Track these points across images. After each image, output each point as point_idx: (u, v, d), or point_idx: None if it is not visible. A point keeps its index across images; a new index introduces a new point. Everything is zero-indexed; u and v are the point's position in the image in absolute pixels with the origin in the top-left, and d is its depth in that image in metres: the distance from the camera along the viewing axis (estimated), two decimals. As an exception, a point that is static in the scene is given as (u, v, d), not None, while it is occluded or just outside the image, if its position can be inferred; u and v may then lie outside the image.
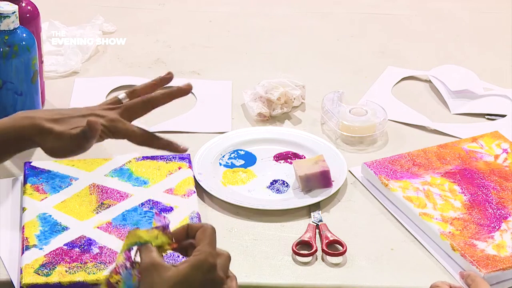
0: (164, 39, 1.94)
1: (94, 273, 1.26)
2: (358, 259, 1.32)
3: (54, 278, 1.25)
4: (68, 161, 1.47)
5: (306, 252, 1.32)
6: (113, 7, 2.05)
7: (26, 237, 1.32)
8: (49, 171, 1.45)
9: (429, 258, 1.33)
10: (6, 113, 1.50)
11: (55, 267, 1.27)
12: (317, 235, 1.36)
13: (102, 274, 1.25)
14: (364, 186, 1.47)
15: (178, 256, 1.24)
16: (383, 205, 1.43)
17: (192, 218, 1.36)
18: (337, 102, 1.63)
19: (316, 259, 1.33)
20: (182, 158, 1.48)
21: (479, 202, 1.39)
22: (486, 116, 1.68)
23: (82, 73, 1.79)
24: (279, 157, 1.54)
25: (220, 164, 1.52)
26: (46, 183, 1.42)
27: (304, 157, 1.54)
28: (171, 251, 1.02)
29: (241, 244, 1.35)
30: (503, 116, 1.67)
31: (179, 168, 1.46)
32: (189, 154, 1.49)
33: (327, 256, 1.32)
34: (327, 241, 1.34)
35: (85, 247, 1.31)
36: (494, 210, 1.37)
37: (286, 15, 2.06)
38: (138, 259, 0.99)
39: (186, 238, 1.02)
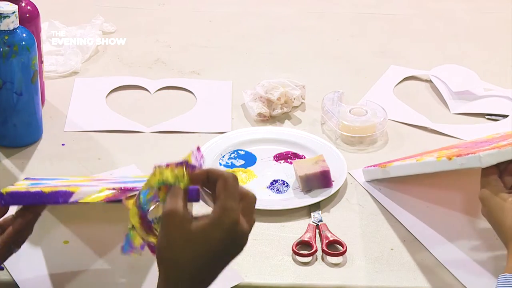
0: (164, 39, 1.94)
1: (78, 186, 1.21)
2: (358, 259, 1.32)
3: (36, 189, 1.20)
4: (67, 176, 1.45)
5: (306, 252, 1.32)
6: (113, 7, 2.05)
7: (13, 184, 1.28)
8: (47, 178, 1.44)
9: (429, 258, 1.33)
10: (6, 113, 1.50)
11: (40, 185, 1.23)
12: (317, 235, 1.36)
13: (87, 187, 1.20)
14: (364, 188, 1.47)
15: None
16: (382, 205, 1.43)
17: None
18: (337, 102, 1.63)
19: (316, 259, 1.32)
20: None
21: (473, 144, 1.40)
22: (486, 116, 1.68)
23: (82, 73, 1.79)
24: (279, 157, 1.54)
25: (220, 164, 1.52)
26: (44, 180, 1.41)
27: (304, 157, 1.54)
28: None
29: (241, 244, 1.35)
30: (504, 116, 1.67)
31: None
32: None
33: (327, 256, 1.32)
34: (327, 241, 1.34)
35: (74, 185, 1.25)
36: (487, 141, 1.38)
37: (286, 15, 2.06)
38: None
39: (207, 184, 0.98)
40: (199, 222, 0.95)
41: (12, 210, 1.21)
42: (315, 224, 1.38)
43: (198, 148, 1.03)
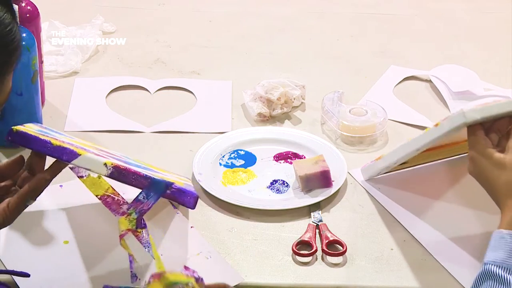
0: (164, 39, 1.94)
1: (85, 150, 1.23)
2: (358, 259, 1.32)
3: (46, 138, 1.22)
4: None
5: (306, 252, 1.32)
6: (113, 7, 2.06)
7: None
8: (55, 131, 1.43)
9: (429, 258, 1.33)
10: (6, 113, 1.50)
11: (50, 137, 1.24)
12: (317, 235, 1.36)
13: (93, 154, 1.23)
14: (365, 189, 1.47)
15: None
16: (382, 205, 1.43)
17: (186, 184, 1.36)
18: (337, 102, 1.63)
19: (316, 259, 1.32)
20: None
21: None
22: None
23: (82, 73, 1.79)
24: (279, 157, 1.54)
25: (220, 164, 1.52)
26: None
27: (304, 157, 1.54)
28: None
29: (241, 244, 1.35)
30: None
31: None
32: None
33: (327, 256, 1.32)
34: (327, 241, 1.34)
35: (82, 148, 1.27)
36: None
37: (286, 15, 2.06)
38: None
39: None
40: None
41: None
42: (315, 224, 1.38)
43: (186, 267, 1.11)
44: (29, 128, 1.26)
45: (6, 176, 1.24)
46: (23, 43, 1.46)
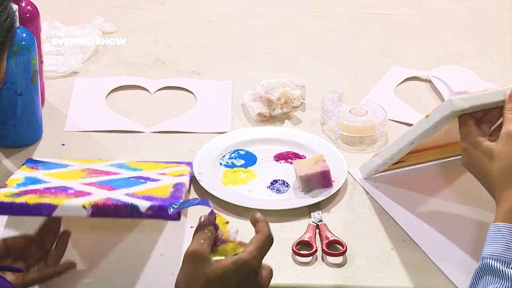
0: (164, 39, 1.94)
1: (62, 198, 1.24)
2: (358, 259, 1.32)
3: (22, 199, 1.23)
4: (69, 159, 1.47)
5: (306, 252, 1.32)
6: (113, 7, 2.06)
7: (6, 184, 1.30)
8: (48, 162, 1.44)
9: (429, 258, 1.33)
10: (6, 113, 1.50)
11: (27, 195, 1.25)
12: (317, 235, 1.36)
13: (70, 199, 1.23)
14: (363, 188, 1.47)
15: None
16: (381, 206, 1.43)
17: (175, 185, 1.34)
18: (337, 102, 1.63)
19: (316, 259, 1.32)
20: (186, 163, 1.47)
21: None
22: None
23: (82, 73, 1.79)
24: (280, 157, 1.54)
25: (221, 164, 1.52)
26: (42, 166, 1.42)
27: (305, 157, 1.54)
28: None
29: (241, 244, 1.35)
30: None
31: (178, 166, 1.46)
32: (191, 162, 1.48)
33: (327, 256, 1.32)
34: (327, 241, 1.34)
35: (61, 189, 1.28)
36: None
37: (286, 15, 2.06)
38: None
39: None
40: (222, 263, 0.99)
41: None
42: (315, 224, 1.38)
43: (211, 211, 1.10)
44: (7, 192, 1.27)
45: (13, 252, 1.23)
46: (23, 43, 1.47)
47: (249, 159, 1.53)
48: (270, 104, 1.65)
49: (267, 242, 1.02)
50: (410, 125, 1.64)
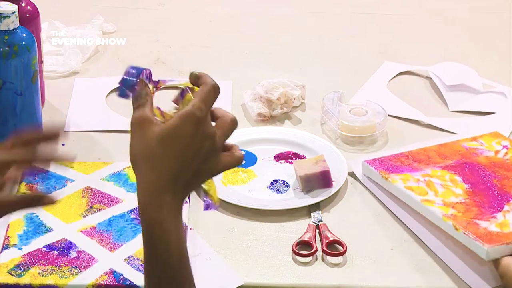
0: (164, 39, 1.94)
1: (66, 277, 1.26)
2: (358, 259, 1.32)
3: (25, 279, 1.25)
4: (68, 163, 1.47)
5: (306, 252, 1.32)
6: (113, 7, 2.05)
7: (8, 236, 1.32)
8: (47, 171, 1.44)
9: (429, 258, 1.33)
10: (6, 113, 1.50)
11: (29, 269, 1.27)
12: (317, 235, 1.36)
13: (74, 278, 1.26)
14: (364, 186, 1.47)
15: None
16: (382, 205, 1.43)
17: None
18: (337, 102, 1.63)
19: (316, 259, 1.32)
20: None
21: (480, 189, 1.39)
22: None
23: (82, 73, 1.79)
24: (280, 157, 1.54)
25: (220, 164, 1.52)
26: (41, 183, 1.42)
27: (305, 157, 1.54)
28: None
29: (241, 244, 1.35)
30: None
31: None
32: None
33: (327, 256, 1.32)
34: (327, 241, 1.34)
35: (63, 250, 1.30)
36: (496, 195, 1.37)
37: (286, 15, 2.06)
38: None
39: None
40: (168, 121, 0.98)
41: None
42: (315, 224, 1.38)
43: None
44: (14, 240, 1.31)
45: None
46: (23, 43, 1.47)
47: (249, 159, 1.53)
48: (270, 104, 1.65)
49: (210, 91, 1.00)
50: (407, 120, 1.65)
